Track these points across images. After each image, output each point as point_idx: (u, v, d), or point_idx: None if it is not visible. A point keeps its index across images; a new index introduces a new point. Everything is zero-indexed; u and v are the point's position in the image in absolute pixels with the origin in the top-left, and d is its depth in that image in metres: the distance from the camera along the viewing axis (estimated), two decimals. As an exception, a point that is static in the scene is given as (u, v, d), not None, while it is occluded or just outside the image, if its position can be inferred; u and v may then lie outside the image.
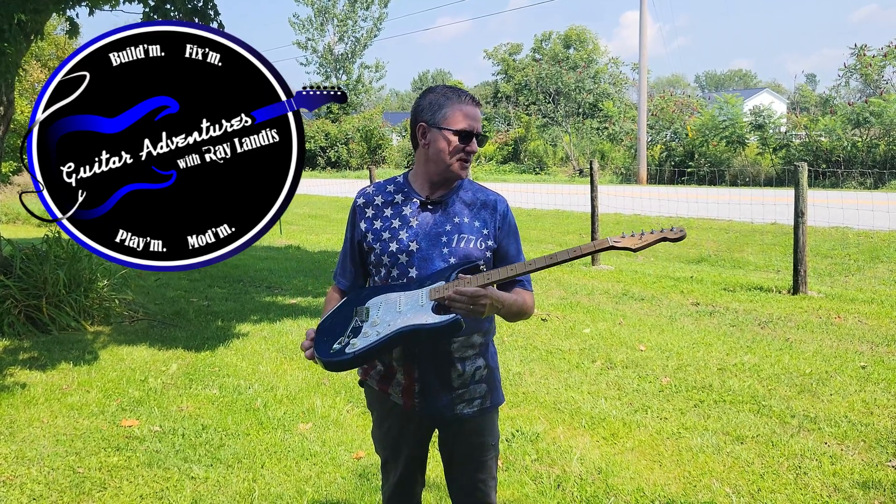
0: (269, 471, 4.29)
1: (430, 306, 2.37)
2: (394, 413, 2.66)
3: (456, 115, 2.49)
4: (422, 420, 2.64)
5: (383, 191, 2.67)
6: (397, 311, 2.41)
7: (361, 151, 47.34)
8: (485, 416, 2.66)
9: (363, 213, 2.65)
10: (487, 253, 2.55)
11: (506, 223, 2.61)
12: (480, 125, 2.52)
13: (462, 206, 2.59)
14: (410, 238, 2.53)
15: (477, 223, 2.56)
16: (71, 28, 8.62)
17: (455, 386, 2.57)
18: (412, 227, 2.55)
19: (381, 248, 2.56)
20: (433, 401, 2.56)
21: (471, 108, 2.51)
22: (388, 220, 2.59)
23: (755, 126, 28.24)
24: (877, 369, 5.76)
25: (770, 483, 4.01)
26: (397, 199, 2.62)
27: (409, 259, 2.51)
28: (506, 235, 2.61)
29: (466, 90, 2.59)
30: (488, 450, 2.70)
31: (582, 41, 48.96)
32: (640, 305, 8.23)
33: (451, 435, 2.68)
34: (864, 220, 12.65)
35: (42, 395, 5.55)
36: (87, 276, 7.84)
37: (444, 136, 2.50)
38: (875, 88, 28.03)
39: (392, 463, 2.76)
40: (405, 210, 2.59)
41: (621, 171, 31.81)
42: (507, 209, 2.64)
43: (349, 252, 2.72)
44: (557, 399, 5.31)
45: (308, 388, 5.66)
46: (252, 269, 11.18)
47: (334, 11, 54.33)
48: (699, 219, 15.12)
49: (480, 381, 2.62)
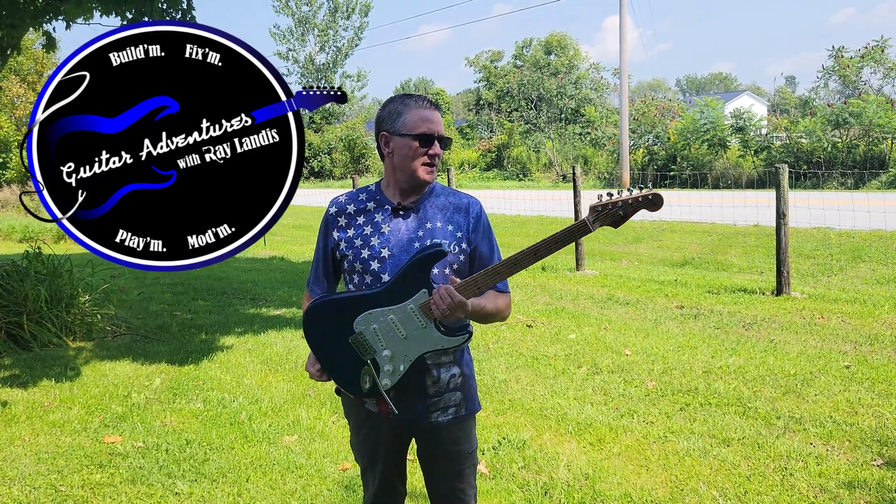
0: (255, 484, 4.25)
1: (431, 326, 2.41)
2: (370, 421, 2.66)
3: (415, 121, 2.51)
4: (397, 428, 2.63)
5: (355, 199, 2.67)
6: (402, 338, 2.43)
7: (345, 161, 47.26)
8: (460, 424, 2.65)
9: (336, 222, 2.65)
10: (461, 256, 2.55)
11: (479, 225, 2.61)
12: (441, 128, 2.54)
13: (435, 211, 2.59)
14: (382, 244, 2.53)
15: (450, 227, 2.56)
16: (48, 42, 8.59)
17: (430, 393, 2.56)
18: (384, 233, 2.55)
19: (354, 255, 2.56)
20: (408, 408, 2.55)
21: (428, 111, 2.52)
22: (361, 228, 2.60)
23: (736, 129, 28.44)
24: (860, 369, 5.79)
25: (757, 485, 4.01)
26: (369, 206, 2.63)
27: (382, 265, 2.52)
28: (480, 237, 2.61)
29: (424, 96, 2.60)
30: (465, 458, 2.68)
31: (563, 47, 49.12)
32: (624, 310, 8.24)
33: (428, 443, 2.67)
34: (846, 220, 12.74)
35: (23, 413, 5.49)
36: (69, 291, 7.77)
37: (406, 142, 2.52)
38: (853, 89, 28.34)
39: (370, 471, 2.75)
40: (377, 217, 2.60)
41: (604, 175, 31.92)
42: (481, 210, 2.65)
43: (322, 260, 2.72)
44: (544, 405, 5.30)
45: (293, 399, 5.63)
46: (236, 280, 11.12)
47: (315, 21, 54.33)
48: (682, 222, 15.18)
49: (455, 389, 2.60)
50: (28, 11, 7.74)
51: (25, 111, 27.66)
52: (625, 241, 13.93)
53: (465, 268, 2.58)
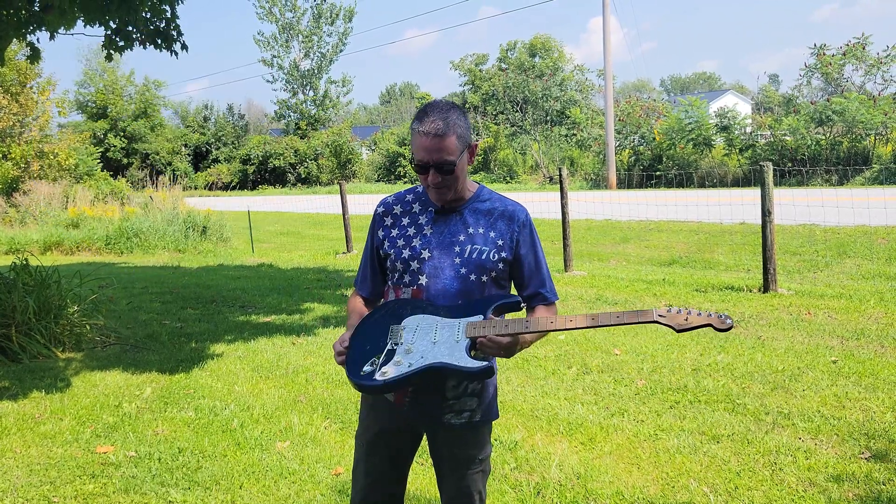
0: (248, 491, 4.25)
1: (464, 344, 2.37)
2: (382, 407, 2.64)
3: (414, 146, 2.50)
4: (408, 420, 2.62)
5: (402, 200, 2.70)
6: (432, 342, 2.41)
7: (331, 167, 47.26)
8: (474, 430, 2.64)
9: (382, 222, 2.69)
10: (500, 265, 2.55)
11: (525, 233, 2.60)
12: (437, 154, 2.44)
13: (478, 217, 2.59)
14: (423, 245, 2.56)
15: (492, 233, 2.56)
16: (32, 53, 8.55)
17: (448, 396, 2.56)
18: (426, 235, 2.58)
19: (395, 254, 2.59)
20: (424, 403, 2.56)
21: (424, 139, 2.44)
22: (405, 229, 2.62)
23: (721, 128, 28.61)
24: (847, 363, 5.85)
25: (747, 480, 4.05)
26: (415, 207, 2.66)
27: (421, 266, 2.53)
28: (525, 246, 2.59)
29: (431, 114, 2.47)
30: (475, 464, 2.67)
31: (547, 49, 49.29)
32: (613, 310, 8.28)
33: (439, 443, 2.67)
34: (830, 216, 12.84)
35: (14, 425, 5.47)
36: (57, 302, 7.74)
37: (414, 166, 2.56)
38: (836, 87, 28.54)
39: (365, 461, 2.71)
40: (421, 219, 2.62)
41: (591, 176, 32.04)
42: (528, 218, 2.62)
43: (369, 260, 2.75)
44: (535, 406, 5.33)
45: (285, 405, 5.63)
46: (225, 288, 11.10)
47: (299, 28, 54.25)
48: (669, 221, 15.26)
49: (472, 395, 2.60)
50: (11, 23, 7.72)
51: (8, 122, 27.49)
52: (612, 242, 13.99)
53: (504, 276, 2.59)
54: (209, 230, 18.11)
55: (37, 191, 23.49)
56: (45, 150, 28.26)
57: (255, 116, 70.24)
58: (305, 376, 6.28)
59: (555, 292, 2.67)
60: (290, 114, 56.30)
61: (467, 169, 2.58)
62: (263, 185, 51.12)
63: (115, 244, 17.25)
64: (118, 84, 53.75)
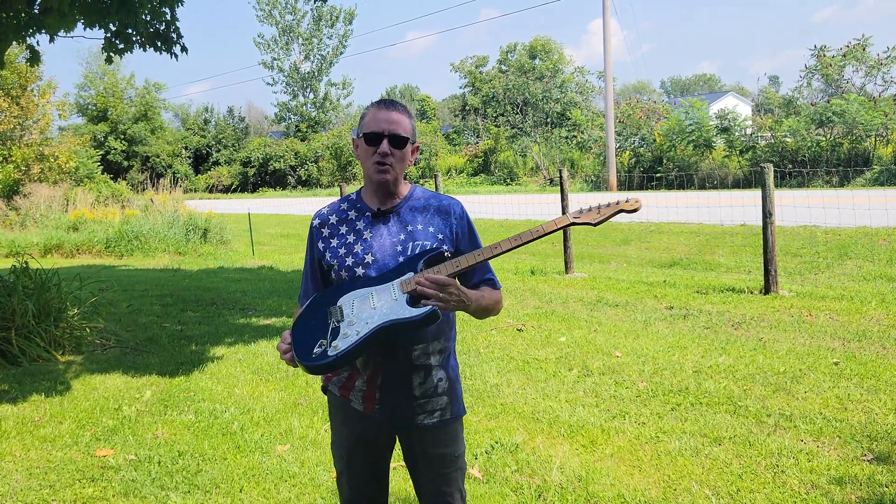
0: (248, 495, 4.24)
1: (404, 300, 2.39)
2: (353, 418, 2.64)
3: (368, 121, 2.55)
4: (381, 427, 2.63)
5: (337, 209, 2.70)
6: (371, 308, 2.41)
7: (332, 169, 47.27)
8: (446, 428, 2.64)
9: (319, 234, 2.68)
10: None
11: (463, 225, 2.63)
12: (396, 127, 2.52)
13: (415, 214, 2.60)
14: (366, 250, 2.55)
15: (431, 228, 2.58)
16: (32, 56, 8.55)
17: (416, 395, 2.56)
18: (366, 239, 2.57)
19: (339, 264, 2.58)
20: (394, 408, 2.56)
21: (384, 112, 2.54)
22: (344, 237, 2.61)
23: (721, 129, 28.59)
24: (849, 365, 5.83)
25: (748, 483, 4.03)
26: (351, 215, 2.65)
27: (366, 271, 2.53)
28: (464, 238, 2.62)
29: (393, 99, 2.62)
30: (451, 461, 2.67)
31: (547, 51, 49.29)
32: (614, 311, 8.27)
33: (413, 445, 2.66)
34: (831, 217, 12.83)
35: (14, 429, 5.46)
36: (57, 305, 7.73)
37: (361, 142, 2.58)
38: (836, 88, 28.52)
39: (347, 472, 2.72)
40: (358, 224, 2.62)
41: (591, 178, 32.03)
42: (464, 211, 2.66)
43: (310, 273, 2.74)
44: (535, 409, 5.32)
45: (285, 408, 5.62)
46: (225, 291, 11.09)
47: (299, 30, 54.31)
48: (670, 223, 15.24)
49: (442, 394, 2.61)
50: (11, 25, 7.71)
51: (9, 125, 27.50)
52: (613, 244, 13.98)
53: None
54: (210, 233, 18.11)
55: (37, 194, 23.50)
56: (45, 153, 28.29)
57: (255, 119, 70.33)
58: (306, 379, 6.27)
59: (498, 282, 2.70)
60: (290, 116, 56.38)
61: (406, 168, 2.62)
62: (264, 187, 51.17)
63: (116, 247, 17.25)
64: (118, 87, 53.80)
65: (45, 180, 26.96)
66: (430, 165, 42.07)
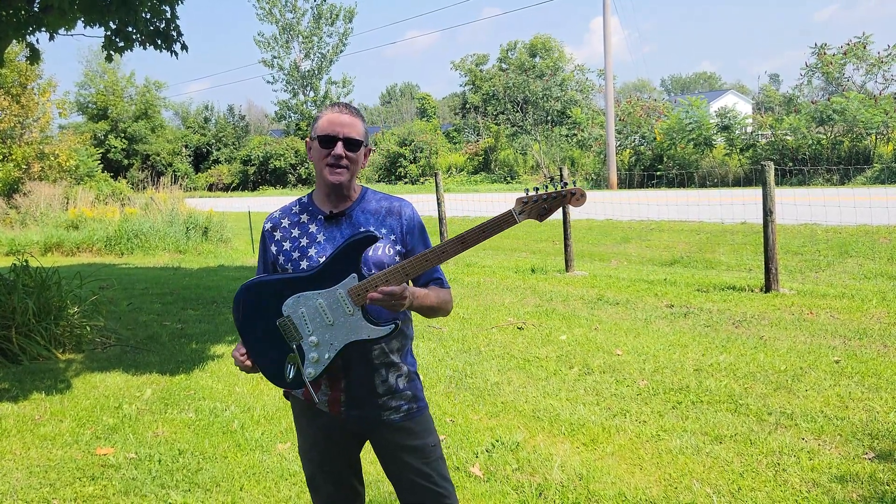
0: (249, 493, 4.23)
1: (359, 313, 2.41)
2: (321, 418, 2.64)
3: (323, 124, 2.55)
4: (349, 426, 2.62)
5: (289, 213, 2.69)
6: (329, 325, 2.42)
7: (332, 167, 47.14)
8: (414, 420, 2.65)
9: (272, 237, 2.67)
10: (397, 258, 2.57)
11: (413, 226, 2.63)
12: (350, 130, 2.53)
13: (367, 216, 2.60)
14: (319, 253, 2.54)
15: (383, 230, 2.58)
16: (32, 54, 8.54)
17: (380, 392, 2.57)
18: (320, 242, 2.57)
19: (293, 268, 2.57)
20: (360, 406, 2.57)
21: (337, 115, 2.55)
22: (297, 240, 2.61)
23: (721, 127, 28.61)
24: (850, 363, 5.83)
25: (750, 481, 4.03)
26: (303, 218, 2.64)
27: None
28: (415, 238, 2.63)
29: (347, 103, 2.63)
30: (431, 451, 2.66)
31: (547, 49, 49.26)
32: (615, 310, 8.26)
33: (387, 440, 2.64)
34: (832, 215, 12.82)
35: (14, 427, 5.45)
36: (57, 303, 7.73)
37: (314, 144, 2.58)
38: (837, 86, 28.52)
39: (320, 475, 2.71)
40: (311, 227, 2.61)
41: (592, 176, 32.04)
42: (414, 212, 2.67)
43: None
44: (536, 407, 5.31)
45: (285, 407, 5.61)
46: (225, 289, 11.09)
47: (299, 29, 54.27)
48: (670, 221, 15.24)
49: (405, 389, 2.63)
50: (11, 23, 7.70)
51: (9, 123, 27.49)
52: (613, 242, 13.98)
53: None
54: (210, 231, 18.10)
55: (37, 192, 23.48)
56: (45, 152, 28.28)
57: (255, 117, 70.25)
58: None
59: (446, 281, 2.71)
60: (290, 114, 56.34)
61: (358, 171, 2.63)
62: (264, 185, 51.16)
63: (116, 245, 17.24)
64: (119, 85, 53.74)
65: (46, 179, 26.96)
66: (431, 164, 42.11)
